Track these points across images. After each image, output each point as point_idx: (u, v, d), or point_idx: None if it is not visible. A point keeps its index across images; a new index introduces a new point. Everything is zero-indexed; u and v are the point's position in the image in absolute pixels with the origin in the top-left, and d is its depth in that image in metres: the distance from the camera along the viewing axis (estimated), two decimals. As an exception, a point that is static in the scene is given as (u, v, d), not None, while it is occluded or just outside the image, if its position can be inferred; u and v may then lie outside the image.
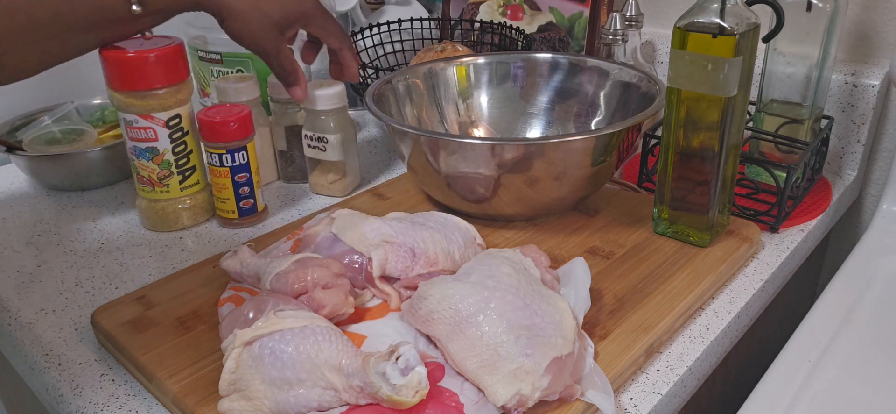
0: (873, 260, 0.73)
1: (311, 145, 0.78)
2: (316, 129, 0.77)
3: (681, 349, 0.56)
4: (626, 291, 0.59)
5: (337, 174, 0.80)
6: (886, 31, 0.82)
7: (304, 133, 0.78)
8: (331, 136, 0.76)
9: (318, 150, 0.78)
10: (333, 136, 0.76)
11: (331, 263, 0.55)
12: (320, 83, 0.76)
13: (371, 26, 1.00)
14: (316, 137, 0.77)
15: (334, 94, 0.75)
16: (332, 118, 0.76)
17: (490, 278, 0.50)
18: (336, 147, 0.77)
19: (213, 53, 0.88)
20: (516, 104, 0.83)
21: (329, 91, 0.75)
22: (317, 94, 0.75)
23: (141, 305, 0.58)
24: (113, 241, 0.73)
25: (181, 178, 0.72)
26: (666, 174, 0.65)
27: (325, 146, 0.77)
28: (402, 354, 0.44)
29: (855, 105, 0.82)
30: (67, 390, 0.53)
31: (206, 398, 0.48)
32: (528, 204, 0.67)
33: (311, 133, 0.77)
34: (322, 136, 0.76)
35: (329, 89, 0.75)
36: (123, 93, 0.68)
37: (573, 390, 0.47)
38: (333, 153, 0.77)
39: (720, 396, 0.69)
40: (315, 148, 0.78)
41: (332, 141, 0.76)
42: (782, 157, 0.77)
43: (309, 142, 0.78)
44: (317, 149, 0.78)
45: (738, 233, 0.67)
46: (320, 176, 0.81)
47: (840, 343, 0.61)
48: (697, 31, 0.58)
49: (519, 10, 1.03)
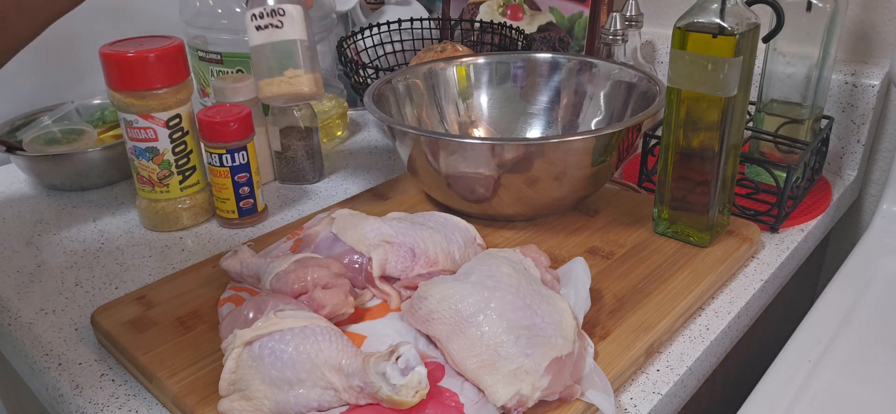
0: (873, 260, 0.73)
1: (263, 25, 0.62)
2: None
3: (681, 349, 0.56)
4: (626, 291, 0.59)
5: (298, 66, 0.63)
6: (886, 31, 0.82)
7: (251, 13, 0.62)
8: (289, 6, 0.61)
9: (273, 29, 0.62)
10: (292, 7, 0.61)
11: (331, 263, 0.55)
12: None
13: (371, 26, 1.00)
14: (269, 11, 0.61)
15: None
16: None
17: (490, 278, 0.50)
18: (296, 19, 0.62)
19: (213, 53, 0.88)
20: (516, 104, 0.83)
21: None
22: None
23: (141, 305, 0.58)
24: (113, 241, 0.73)
25: (181, 178, 0.72)
26: (666, 174, 0.65)
27: (281, 20, 0.61)
28: (402, 354, 0.44)
29: (855, 105, 0.82)
30: (67, 390, 0.53)
31: (206, 398, 0.48)
32: (528, 204, 0.67)
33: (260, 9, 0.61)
34: (277, 8, 0.61)
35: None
36: (123, 93, 0.68)
37: (573, 390, 0.47)
38: (294, 29, 0.62)
39: (720, 396, 0.69)
40: (268, 27, 0.62)
41: (292, 12, 0.61)
42: (782, 158, 0.78)
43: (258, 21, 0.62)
44: (270, 27, 0.62)
45: (738, 233, 0.67)
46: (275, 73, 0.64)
47: (840, 343, 0.61)
48: (697, 31, 0.58)
49: (519, 10, 1.03)
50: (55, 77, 0.97)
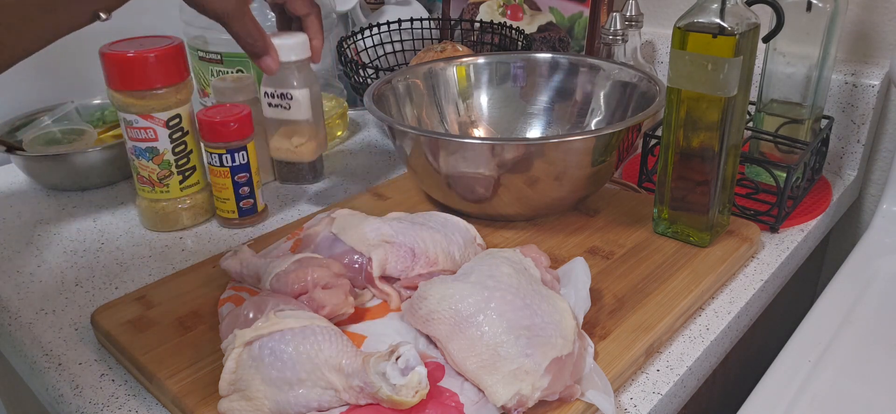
0: (873, 260, 0.73)
1: (273, 103, 0.69)
2: (278, 84, 0.69)
3: (681, 349, 0.56)
4: (626, 291, 0.59)
5: (303, 136, 0.71)
6: (886, 31, 0.82)
7: (264, 90, 0.70)
8: (296, 91, 0.68)
9: (282, 109, 0.69)
10: (299, 92, 0.68)
11: (331, 263, 0.55)
12: (280, 33, 0.69)
13: (371, 26, 1.00)
14: (278, 94, 0.68)
15: (298, 44, 0.68)
16: (297, 71, 0.69)
17: (490, 278, 0.50)
18: (303, 104, 0.69)
19: (213, 53, 0.88)
20: (516, 104, 0.83)
21: (291, 40, 0.67)
22: (278, 43, 0.66)
23: (141, 305, 0.58)
24: (113, 241, 0.73)
25: (181, 179, 0.72)
26: (666, 174, 0.65)
27: (289, 103, 0.69)
28: (402, 354, 0.44)
29: (855, 105, 0.82)
30: (67, 390, 0.53)
31: (206, 398, 0.48)
32: (528, 204, 0.67)
33: (272, 90, 0.69)
34: (286, 92, 0.68)
35: (291, 38, 0.67)
36: (123, 93, 0.68)
37: (573, 390, 0.47)
38: (300, 111, 0.69)
39: (720, 396, 0.69)
40: (278, 106, 0.69)
41: (298, 97, 0.68)
42: (782, 157, 0.78)
43: (270, 99, 0.69)
44: (280, 107, 0.69)
45: (738, 233, 0.67)
46: (283, 140, 0.72)
47: (840, 343, 0.61)
48: (697, 31, 0.58)
49: (519, 10, 1.03)
50: (55, 77, 0.97)
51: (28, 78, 0.95)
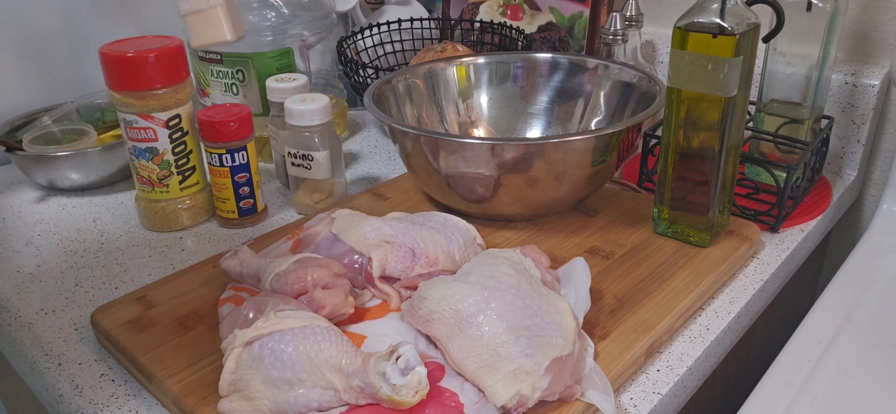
0: (873, 260, 0.73)
1: (296, 163, 0.73)
2: (300, 146, 0.72)
3: (681, 349, 0.56)
4: (626, 291, 0.59)
5: (323, 193, 0.76)
6: (886, 31, 0.82)
7: (288, 151, 0.73)
8: (317, 153, 0.72)
9: (303, 169, 0.73)
10: (320, 154, 0.72)
11: (331, 263, 0.55)
12: (303, 97, 0.72)
13: (371, 26, 1.00)
14: (300, 155, 0.73)
15: (319, 109, 0.71)
16: (318, 134, 0.72)
17: (490, 278, 0.50)
18: (323, 165, 0.73)
19: (213, 53, 0.88)
20: (516, 104, 0.83)
21: (313, 106, 0.71)
22: (300, 109, 0.70)
23: (141, 305, 0.58)
24: (113, 241, 0.73)
25: (181, 179, 0.72)
26: (666, 174, 0.65)
27: (310, 164, 0.73)
28: (402, 354, 0.44)
29: (855, 105, 0.82)
30: (67, 390, 0.53)
31: (206, 398, 0.48)
32: (528, 204, 0.67)
33: (294, 150, 0.73)
34: (307, 154, 0.72)
35: (313, 104, 0.71)
36: (123, 93, 0.68)
37: (573, 390, 0.47)
38: (320, 171, 0.73)
39: (720, 396, 0.69)
40: (300, 166, 0.73)
41: (319, 159, 0.72)
42: (782, 158, 0.77)
43: (293, 159, 0.73)
44: (301, 167, 0.73)
45: (738, 233, 0.67)
46: (306, 195, 0.76)
47: (840, 343, 0.61)
48: (697, 31, 0.58)
49: (519, 10, 1.03)
50: (55, 77, 0.97)
51: (28, 78, 0.94)
